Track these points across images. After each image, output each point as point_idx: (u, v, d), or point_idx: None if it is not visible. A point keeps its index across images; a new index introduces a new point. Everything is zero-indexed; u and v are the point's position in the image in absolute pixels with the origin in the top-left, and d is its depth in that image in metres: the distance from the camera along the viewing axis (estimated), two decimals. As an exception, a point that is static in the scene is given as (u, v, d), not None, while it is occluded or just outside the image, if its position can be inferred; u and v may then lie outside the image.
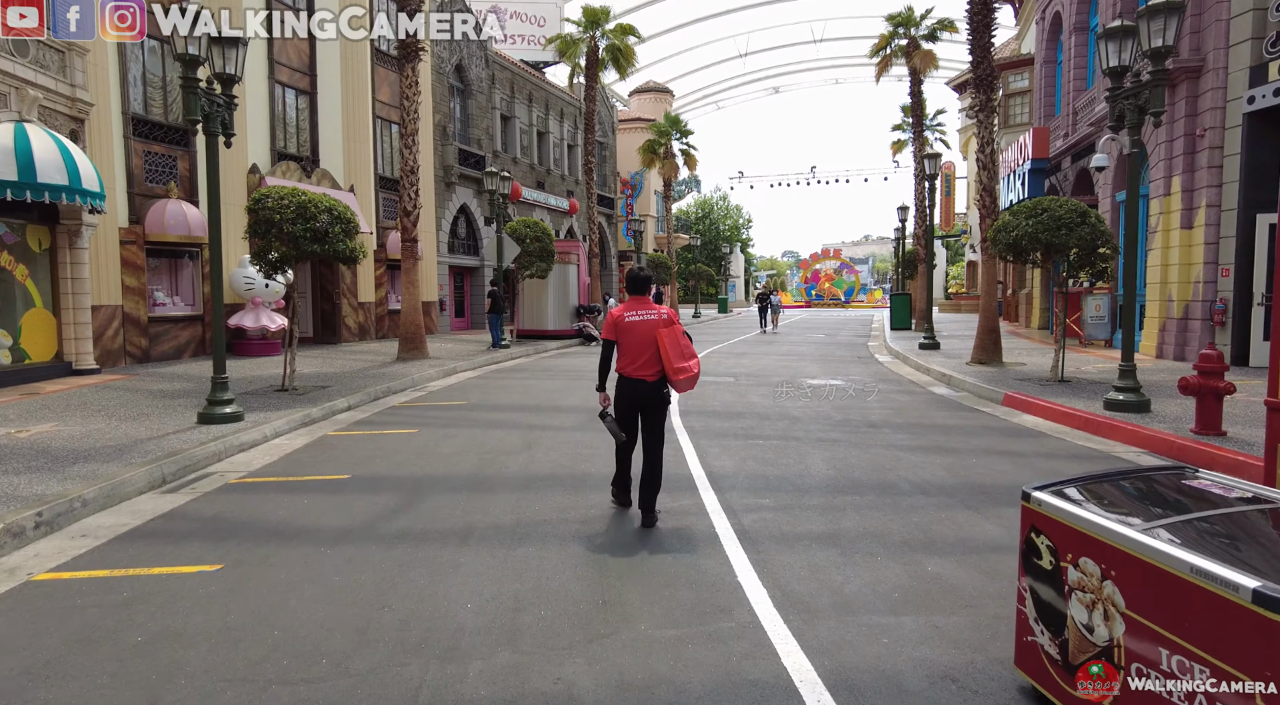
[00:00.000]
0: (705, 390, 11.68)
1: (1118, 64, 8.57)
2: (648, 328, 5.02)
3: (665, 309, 5.18)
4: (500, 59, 27.42)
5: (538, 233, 20.01)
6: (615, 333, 5.08)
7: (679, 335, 5.05)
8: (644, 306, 5.12)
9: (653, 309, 5.11)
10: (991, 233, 11.82)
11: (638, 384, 5.06)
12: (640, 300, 5.17)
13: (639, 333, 5.02)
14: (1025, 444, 7.71)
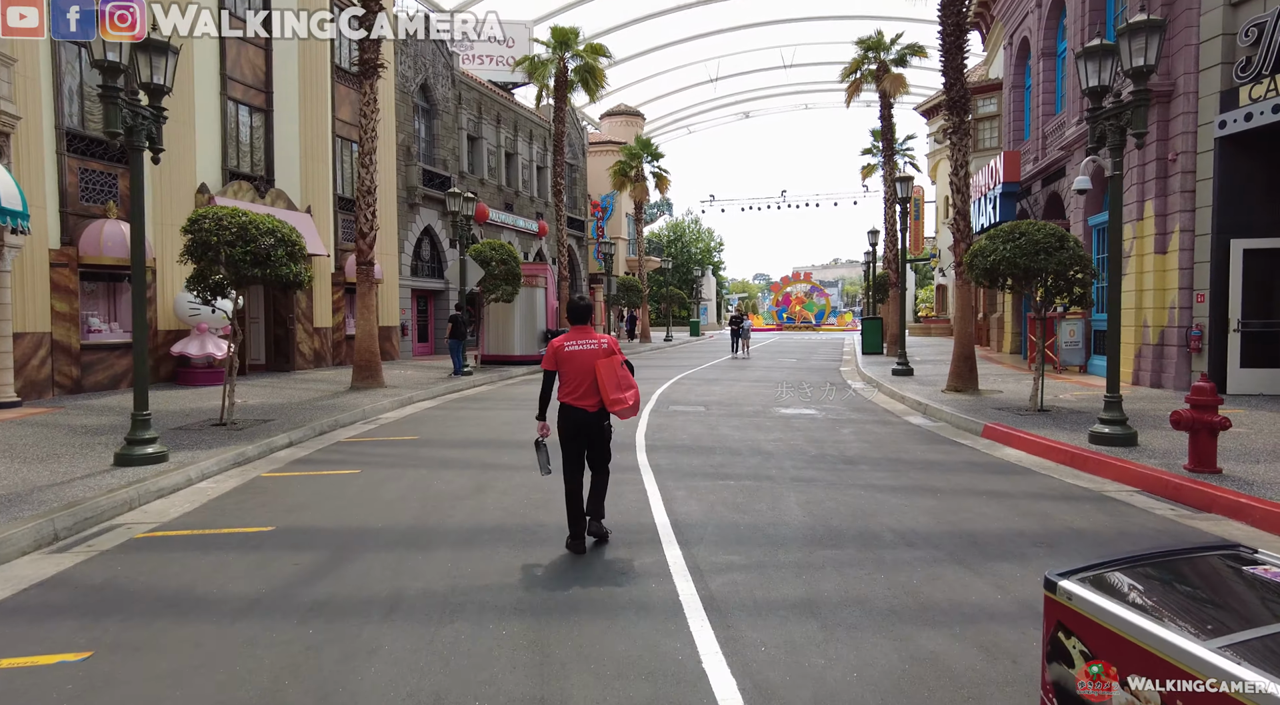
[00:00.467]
0: (674, 421, 11.12)
1: (1098, 84, 8.28)
2: (587, 357, 5.01)
3: (607, 338, 5.15)
4: (467, 79, 26.96)
5: (503, 255, 19.42)
6: (555, 362, 5.08)
7: (617, 366, 5.03)
8: (585, 336, 5.11)
9: (594, 338, 5.10)
10: (968, 257, 11.49)
11: (579, 413, 5.06)
12: (581, 329, 5.16)
13: (579, 362, 5.02)
14: (1011, 482, 7.24)
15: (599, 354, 5.03)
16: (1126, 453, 7.75)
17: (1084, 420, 9.88)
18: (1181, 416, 6.76)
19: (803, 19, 43.74)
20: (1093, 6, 16.02)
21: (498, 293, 19.40)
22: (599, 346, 5.06)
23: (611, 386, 4.97)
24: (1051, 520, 5.88)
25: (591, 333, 5.18)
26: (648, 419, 11.33)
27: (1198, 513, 6.09)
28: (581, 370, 5.02)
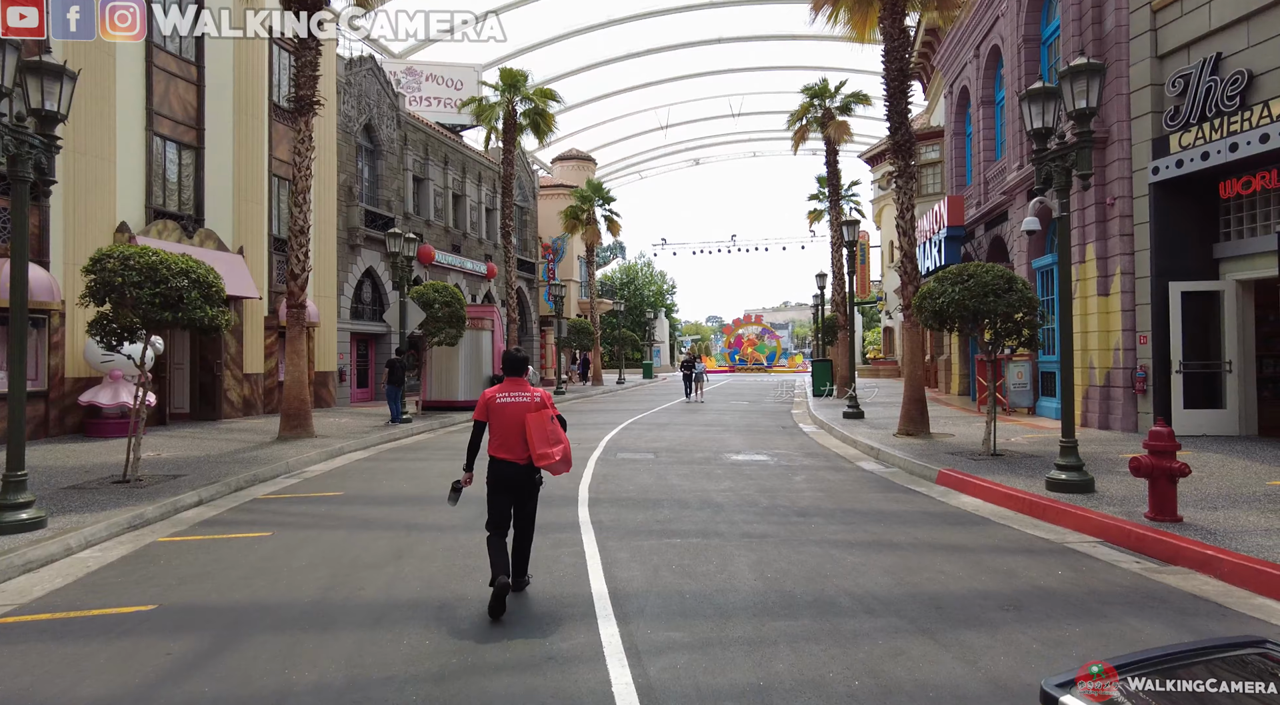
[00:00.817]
0: (622, 470, 10.58)
1: (1041, 126, 8.26)
2: (518, 410, 4.97)
3: (540, 392, 5.12)
4: (413, 120, 26.58)
5: (447, 297, 18.79)
6: (486, 414, 5.04)
7: (546, 420, 4.96)
8: (518, 388, 5.07)
9: (526, 391, 5.06)
10: (917, 299, 11.36)
11: (507, 466, 5.01)
12: (515, 381, 5.12)
13: (509, 415, 4.97)
14: (970, 534, 6.88)
15: (530, 407, 4.97)
16: (1085, 500, 7.49)
17: (1038, 465, 9.68)
18: (1141, 463, 6.52)
19: (750, 69, 45.07)
20: (1028, 57, 16.50)
21: (441, 336, 18.72)
22: (531, 400, 5.00)
23: (540, 440, 4.89)
24: (1016, 578, 5.50)
25: (525, 385, 5.11)
26: (594, 468, 10.76)
27: (1164, 565, 5.80)
28: (512, 423, 4.96)
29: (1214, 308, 11.96)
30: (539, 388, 5.27)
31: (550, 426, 4.97)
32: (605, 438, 14.63)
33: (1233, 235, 11.93)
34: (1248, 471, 8.79)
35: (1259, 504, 7.13)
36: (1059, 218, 8.16)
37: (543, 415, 4.96)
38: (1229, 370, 11.84)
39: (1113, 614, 4.74)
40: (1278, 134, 10.22)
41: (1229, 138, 10.90)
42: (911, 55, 15.08)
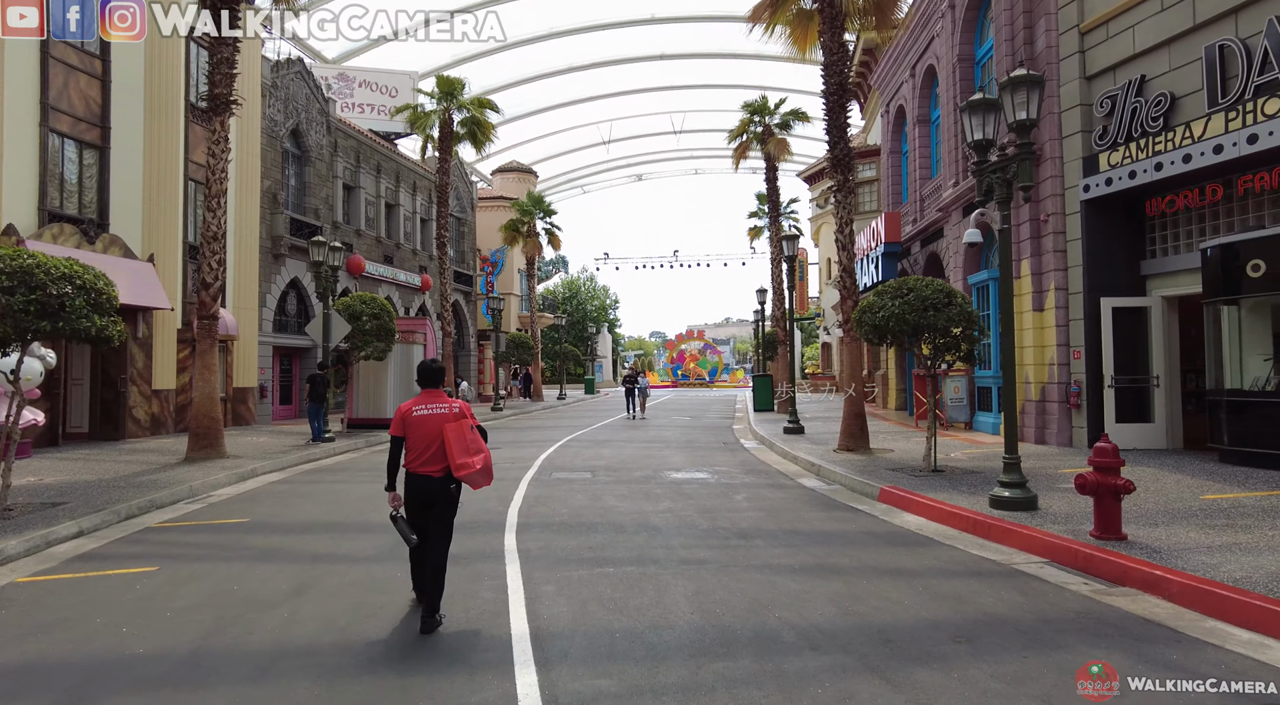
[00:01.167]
0: (556, 491, 10.04)
1: (982, 137, 8.16)
2: (435, 422, 4.87)
3: (458, 403, 5.01)
4: (345, 127, 25.63)
5: (375, 309, 17.95)
6: (403, 428, 4.90)
7: (465, 430, 4.88)
8: (435, 400, 4.97)
9: (444, 402, 4.96)
10: (857, 313, 11.21)
11: (424, 480, 4.90)
12: (432, 393, 5.02)
13: (426, 427, 4.87)
14: (916, 557, 6.60)
15: (448, 418, 4.87)
16: (1029, 518, 7.31)
17: (980, 481, 9.56)
18: (1086, 480, 6.36)
19: (693, 86, 45.22)
20: (962, 76, 16.78)
21: (368, 350, 17.85)
22: (449, 411, 4.90)
23: (459, 451, 4.80)
24: (966, 605, 5.20)
25: (442, 397, 5.01)
26: (525, 490, 10.20)
27: (1112, 587, 5.60)
28: (429, 435, 4.86)
29: (1142, 323, 12.17)
30: (458, 400, 5.09)
31: (470, 436, 4.88)
32: (541, 456, 14.05)
33: (1158, 253, 12.19)
34: (1180, 485, 8.81)
35: (1197, 520, 7.06)
36: (1000, 230, 8.06)
37: (462, 425, 4.86)
38: (1156, 385, 12.05)
39: (1069, 643, 4.46)
40: (1199, 154, 10.45)
41: (1154, 157, 11.13)
42: (850, 71, 15.13)
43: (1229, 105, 10.19)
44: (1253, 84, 9.92)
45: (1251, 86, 9.94)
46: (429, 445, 4.84)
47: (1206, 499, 7.98)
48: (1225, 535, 6.41)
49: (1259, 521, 6.88)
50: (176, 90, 17.57)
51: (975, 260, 16.78)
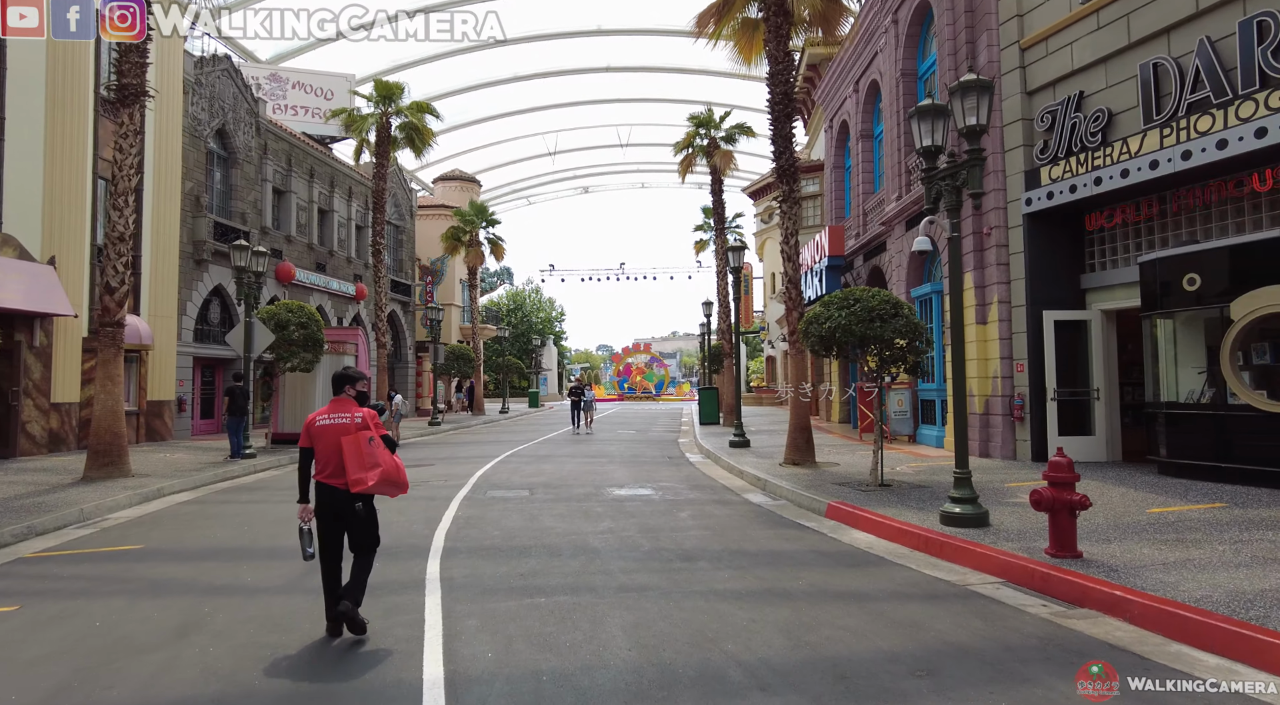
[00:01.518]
0: (489, 511, 9.43)
1: (931, 144, 7.98)
2: (337, 432, 4.72)
3: (362, 412, 4.83)
4: (276, 128, 24.52)
5: (303, 317, 17.02)
6: (309, 438, 4.78)
7: (361, 442, 4.67)
8: (341, 409, 4.81)
9: (348, 412, 4.80)
10: (803, 324, 10.96)
11: (332, 492, 4.73)
12: (339, 402, 4.86)
13: (329, 437, 4.73)
14: (867, 578, 6.25)
15: (348, 429, 4.70)
16: (981, 535, 7.06)
17: (928, 496, 9.34)
18: (1042, 496, 6.12)
19: (640, 100, 45.10)
20: (905, 90, 16.88)
21: (294, 361, 16.90)
22: (350, 421, 4.74)
23: (353, 465, 4.62)
24: (923, 632, 4.84)
25: (348, 406, 4.84)
26: (456, 510, 9.56)
27: (1072, 608, 5.33)
28: (332, 446, 4.71)
29: (1082, 337, 12.25)
30: (363, 408, 4.89)
31: (367, 449, 4.67)
32: (477, 473, 13.38)
33: (1097, 267, 12.31)
34: (1126, 499, 8.73)
35: (1147, 534, 6.91)
36: (950, 238, 7.86)
37: (358, 437, 4.67)
38: (1097, 398, 12.12)
39: (1035, 675, 4.13)
40: (1136, 169, 10.55)
41: (1094, 172, 11.22)
42: (795, 82, 15.03)
43: (1163, 122, 10.32)
44: (1185, 102, 10.06)
45: (1184, 104, 10.07)
46: (332, 456, 4.70)
47: (1153, 513, 7.88)
48: (1178, 551, 6.24)
49: (1207, 536, 6.77)
50: (84, 82, 16.42)
51: (918, 273, 16.83)
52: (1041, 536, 6.82)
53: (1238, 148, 9.29)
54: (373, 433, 4.74)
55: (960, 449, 7.74)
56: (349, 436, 4.66)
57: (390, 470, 4.70)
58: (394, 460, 4.76)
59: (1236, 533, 6.84)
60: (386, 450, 4.76)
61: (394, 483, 4.74)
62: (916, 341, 10.22)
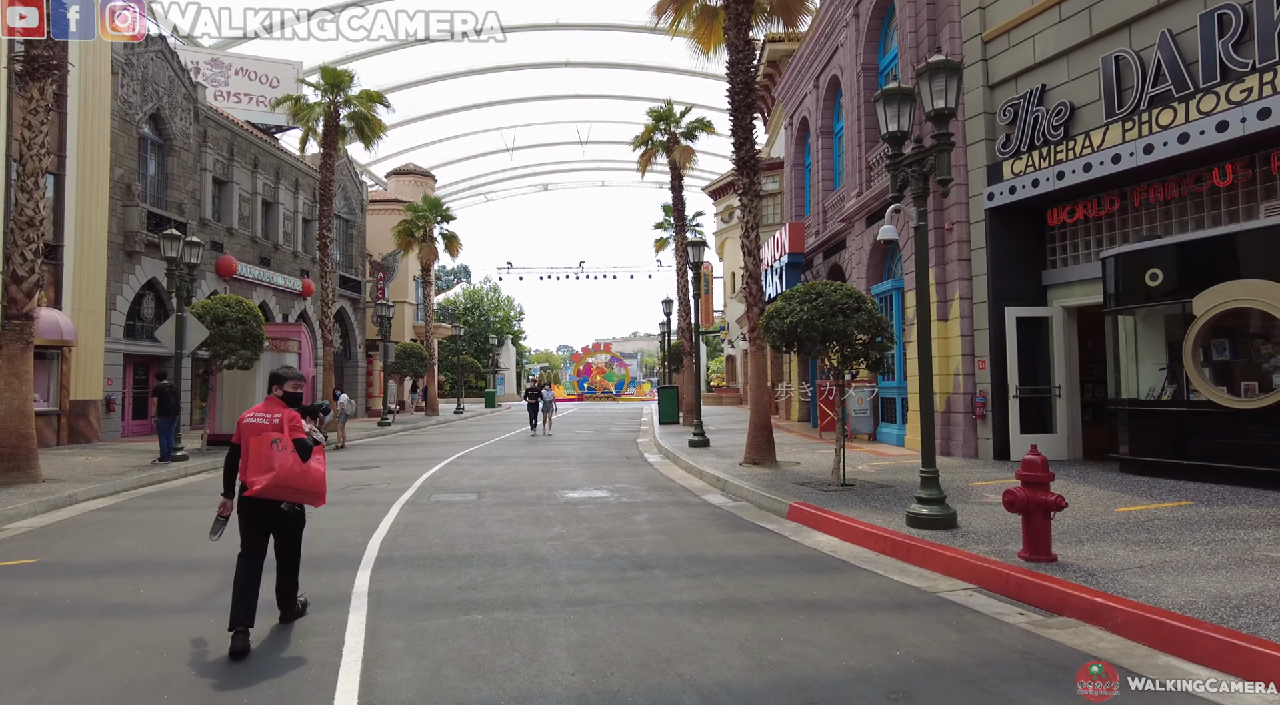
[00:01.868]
0: (432, 517, 8.82)
1: (897, 128, 7.64)
2: (254, 431, 4.62)
3: (285, 413, 4.68)
4: (216, 115, 23.37)
5: (240, 312, 16.12)
6: (239, 435, 4.71)
7: (266, 444, 4.55)
8: (268, 409, 4.72)
9: (269, 413, 4.67)
10: (764, 319, 10.58)
11: None
12: (270, 402, 4.78)
13: (248, 436, 4.64)
14: (834, 586, 5.85)
15: (264, 429, 4.60)
16: (950, 538, 6.72)
17: (892, 496, 9.02)
18: (1016, 497, 5.79)
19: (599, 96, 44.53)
20: (866, 85, 16.68)
21: (232, 358, 15.98)
22: (269, 421, 4.63)
23: (252, 466, 4.52)
24: (897, 647, 4.44)
25: (275, 406, 4.73)
26: (397, 515, 8.93)
27: (1050, 616, 4.99)
28: (249, 445, 4.62)
29: (1043, 333, 12.12)
30: (288, 410, 4.73)
31: (266, 451, 4.50)
32: (424, 476, 12.72)
33: (1058, 263, 12.18)
34: (1093, 498, 8.52)
35: (1120, 535, 6.65)
36: (916, 227, 7.53)
37: (264, 438, 4.54)
38: (1058, 395, 11.99)
39: (1020, 696, 3.74)
40: (1099, 163, 10.41)
41: (1056, 166, 11.07)
42: (756, 73, 14.69)
43: (1125, 115, 10.19)
44: (1147, 95, 9.94)
45: (1146, 97, 9.95)
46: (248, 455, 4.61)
47: (1121, 512, 7.66)
48: (1153, 553, 5.97)
49: (1179, 536, 6.53)
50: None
51: (878, 269, 16.65)
52: (1013, 538, 6.51)
53: (1199, 141, 9.17)
54: (281, 436, 4.56)
55: (926, 448, 7.41)
56: (255, 438, 4.57)
57: (287, 476, 4.45)
58: (300, 467, 4.52)
59: (1208, 532, 6.62)
60: (291, 455, 4.52)
61: (293, 489, 4.51)
62: (879, 337, 9.92)
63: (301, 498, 4.58)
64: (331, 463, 15.18)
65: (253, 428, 4.58)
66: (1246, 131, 8.67)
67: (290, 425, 4.61)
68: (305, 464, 4.54)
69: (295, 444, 4.56)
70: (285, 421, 4.60)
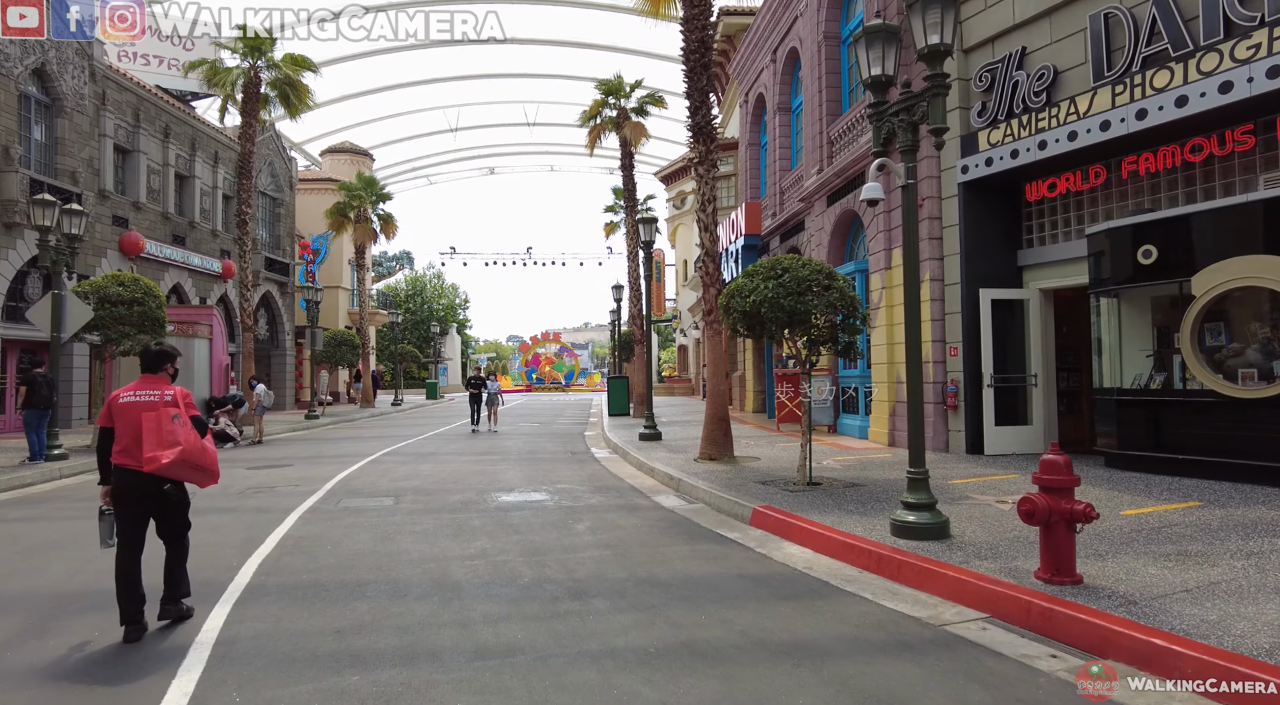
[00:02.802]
0: (333, 528, 7.44)
1: (881, 72, 6.54)
2: (140, 409, 4.40)
3: (176, 391, 4.53)
4: (118, 77, 21.13)
5: (136, 292, 14.31)
6: (109, 417, 4.48)
7: (165, 419, 4.33)
8: (150, 386, 4.52)
9: (157, 390, 4.49)
10: (723, 299, 9.44)
11: (128, 475, 4.38)
12: (150, 380, 4.59)
13: (130, 415, 4.41)
14: (815, 618, 4.73)
15: (153, 405, 4.38)
16: (945, 551, 5.68)
17: (866, 497, 8.00)
18: (1035, 506, 4.74)
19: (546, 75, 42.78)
20: (828, 55, 15.67)
21: (126, 343, 14.17)
22: (160, 397, 4.44)
23: (151, 441, 4.27)
24: (913, 715, 3.32)
25: (161, 383, 4.56)
26: (292, 525, 7.53)
27: (1091, 658, 3.94)
28: (132, 424, 4.38)
29: (1019, 318, 11.29)
30: (178, 387, 4.59)
31: (168, 426, 4.34)
32: (339, 475, 11.25)
33: (1035, 242, 11.35)
34: (1091, 498, 7.54)
35: (1140, 546, 5.70)
36: (903, 187, 6.46)
37: (161, 413, 4.36)
38: (1035, 384, 11.18)
39: (1102, 804, 2.65)
40: (1085, 131, 9.55)
41: (1038, 135, 10.18)
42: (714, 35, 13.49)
43: (1115, 78, 9.33)
44: (1140, 55, 9.09)
45: (1139, 58, 9.10)
46: (133, 435, 4.36)
47: (1128, 515, 6.75)
48: (1191, 570, 5.01)
49: (1210, 547, 5.60)
50: None
51: (839, 251, 15.70)
52: (1021, 552, 5.51)
53: (1200, 105, 8.34)
54: (180, 411, 4.44)
55: (915, 444, 6.36)
56: (151, 412, 4.35)
57: (192, 451, 4.35)
58: (200, 443, 4.45)
59: (1240, 541, 5.72)
60: (194, 431, 4.45)
61: (196, 466, 4.39)
62: (852, 318, 8.89)
63: (200, 476, 4.46)
64: (240, 460, 13.56)
65: (140, 405, 4.38)
66: (1254, 92, 7.85)
67: (185, 402, 4.51)
68: (204, 442, 4.49)
69: (193, 420, 4.49)
70: (180, 398, 4.48)
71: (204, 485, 4.60)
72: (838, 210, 14.94)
